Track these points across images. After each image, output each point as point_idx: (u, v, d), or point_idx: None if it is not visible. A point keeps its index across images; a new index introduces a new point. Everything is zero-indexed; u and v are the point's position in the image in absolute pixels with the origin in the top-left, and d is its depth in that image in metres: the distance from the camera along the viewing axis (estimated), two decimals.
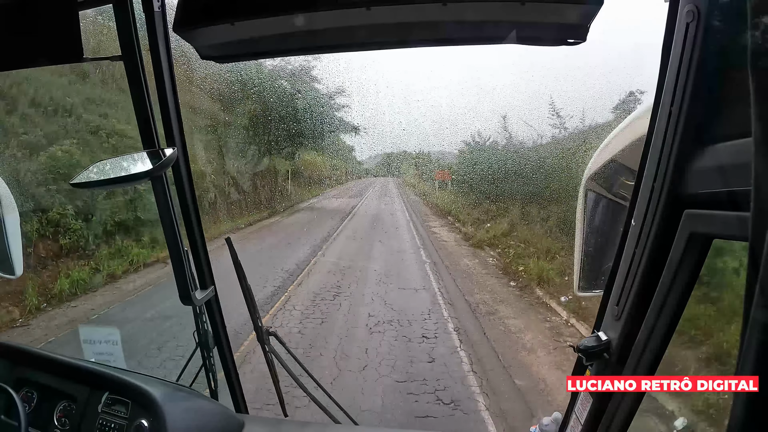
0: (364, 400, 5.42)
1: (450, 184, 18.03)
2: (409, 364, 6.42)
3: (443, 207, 17.59)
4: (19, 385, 1.84)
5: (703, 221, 0.86)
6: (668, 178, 0.92)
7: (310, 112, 14.83)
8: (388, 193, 23.44)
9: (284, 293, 9.01)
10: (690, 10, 0.84)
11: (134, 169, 1.43)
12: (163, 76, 1.49)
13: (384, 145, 21.85)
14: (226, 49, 1.34)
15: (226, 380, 2.05)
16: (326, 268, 10.90)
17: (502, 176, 12.97)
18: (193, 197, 1.69)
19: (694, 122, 0.87)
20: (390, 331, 7.47)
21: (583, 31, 1.13)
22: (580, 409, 1.26)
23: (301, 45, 1.36)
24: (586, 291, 1.82)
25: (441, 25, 1.20)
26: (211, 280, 1.82)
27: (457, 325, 7.77)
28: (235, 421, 1.81)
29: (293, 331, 7.27)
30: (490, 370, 6.25)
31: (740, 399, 0.55)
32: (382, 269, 10.83)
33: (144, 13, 1.41)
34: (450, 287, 9.78)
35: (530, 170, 11.94)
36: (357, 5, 1.11)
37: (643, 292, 1.02)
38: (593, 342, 1.15)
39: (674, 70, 0.89)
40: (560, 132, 12.21)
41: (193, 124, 12.15)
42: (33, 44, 1.42)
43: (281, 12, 1.16)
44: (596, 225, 1.80)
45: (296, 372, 1.99)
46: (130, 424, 1.62)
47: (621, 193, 1.59)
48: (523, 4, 1.06)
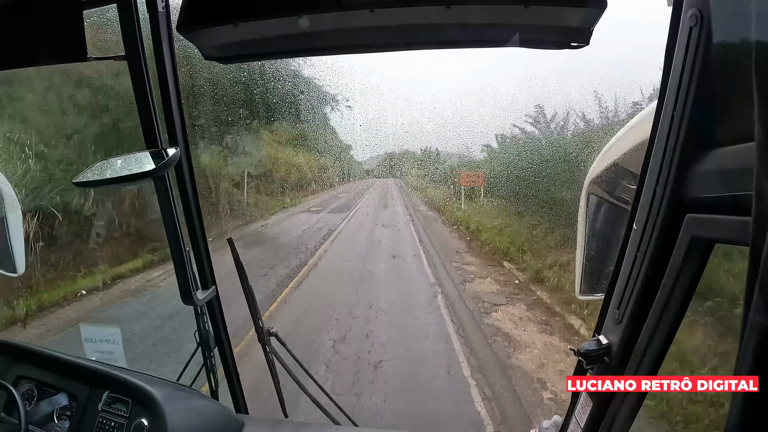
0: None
1: (483, 193, 11.95)
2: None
3: (484, 235, 10.47)
4: (19, 382, 1.85)
5: (705, 225, 0.86)
6: (670, 182, 0.92)
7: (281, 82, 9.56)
8: (389, 203, 16.70)
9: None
10: (693, 14, 0.84)
11: (137, 169, 1.44)
12: (167, 76, 1.49)
13: (386, 145, 17.34)
14: (229, 49, 1.34)
15: (227, 380, 2.05)
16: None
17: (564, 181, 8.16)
18: (195, 197, 1.69)
19: (696, 126, 0.87)
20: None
21: (586, 35, 1.13)
22: (580, 412, 1.26)
23: (304, 46, 1.36)
24: (588, 294, 1.82)
25: (444, 28, 1.20)
26: (213, 280, 1.82)
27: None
28: (235, 421, 1.81)
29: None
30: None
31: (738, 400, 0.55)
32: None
33: (148, 13, 1.42)
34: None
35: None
36: (360, 7, 1.11)
37: (644, 296, 1.01)
38: (594, 345, 1.15)
39: (677, 74, 0.89)
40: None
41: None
42: (37, 43, 1.43)
43: (285, 13, 1.16)
44: (598, 228, 1.80)
45: (297, 373, 1.99)
46: (130, 422, 1.63)
47: (623, 196, 1.59)
48: (526, 7, 1.06)
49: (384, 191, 17.89)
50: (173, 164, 1.50)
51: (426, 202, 14.95)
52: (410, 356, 5.90)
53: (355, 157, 15.60)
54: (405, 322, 6.95)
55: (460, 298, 7.97)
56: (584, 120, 10.04)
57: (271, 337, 1.96)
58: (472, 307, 7.56)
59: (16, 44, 1.43)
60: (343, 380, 5.30)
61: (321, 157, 14.03)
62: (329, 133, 13.04)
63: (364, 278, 8.96)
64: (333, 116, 12.55)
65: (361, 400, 4.90)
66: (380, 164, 16.16)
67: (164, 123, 1.54)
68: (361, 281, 8.80)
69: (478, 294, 8.13)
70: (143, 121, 1.50)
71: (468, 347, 6.13)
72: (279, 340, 1.99)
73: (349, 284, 8.56)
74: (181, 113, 1.57)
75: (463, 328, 6.75)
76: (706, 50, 0.83)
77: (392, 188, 18.04)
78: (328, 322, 6.88)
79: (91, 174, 1.45)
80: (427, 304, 7.69)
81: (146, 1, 1.40)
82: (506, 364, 5.82)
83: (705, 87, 0.84)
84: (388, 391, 5.11)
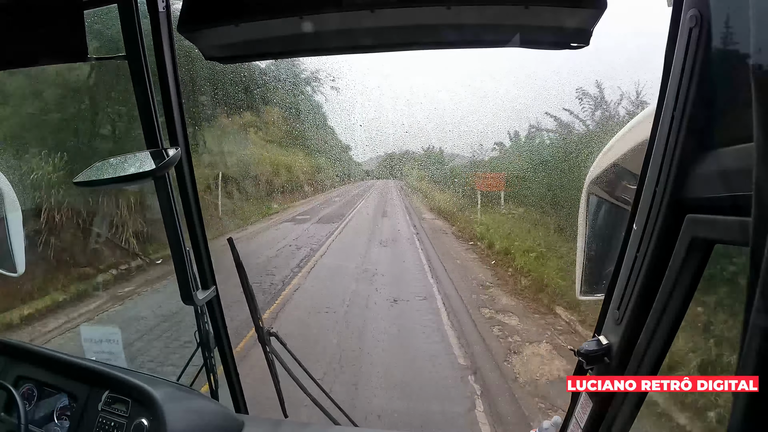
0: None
1: (503, 198, 9.67)
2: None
3: (517, 259, 7.60)
4: (18, 382, 1.85)
5: (705, 226, 0.86)
6: (670, 183, 0.92)
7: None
8: (388, 210, 14.05)
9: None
10: (693, 15, 0.84)
11: (137, 169, 1.44)
12: (167, 76, 1.49)
13: (385, 144, 15.72)
14: (230, 50, 1.35)
15: (227, 380, 2.05)
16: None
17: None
18: (196, 197, 1.69)
19: (696, 127, 0.87)
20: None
21: (586, 36, 1.13)
22: (580, 413, 1.26)
23: (305, 47, 1.36)
24: (588, 295, 1.82)
25: (445, 29, 1.20)
26: (213, 280, 1.83)
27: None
28: (235, 421, 1.81)
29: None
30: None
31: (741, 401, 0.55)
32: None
33: (149, 13, 1.42)
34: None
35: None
36: (361, 8, 1.12)
37: (644, 297, 1.01)
38: (594, 346, 1.15)
39: (677, 75, 0.89)
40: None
41: None
42: (38, 43, 1.43)
43: (286, 14, 1.16)
44: (598, 229, 1.80)
45: (297, 373, 1.99)
46: (129, 422, 1.62)
47: (623, 197, 1.59)
48: (526, 7, 1.06)
49: (383, 195, 15.53)
50: (174, 164, 1.50)
51: (431, 207, 12.52)
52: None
53: (355, 158, 14.08)
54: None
55: (514, 400, 4.53)
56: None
57: (271, 337, 1.96)
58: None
59: (17, 44, 1.43)
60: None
61: (311, 157, 12.34)
62: (318, 125, 11.31)
63: (346, 356, 5.41)
64: (322, 103, 11.26)
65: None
66: (380, 164, 14.48)
67: (165, 123, 1.54)
68: (341, 367, 5.14)
69: (540, 384, 4.76)
70: (144, 121, 1.50)
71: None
72: (279, 340, 1.99)
73: (323, 365, 5.05)
74: (182, 113, 1.57)
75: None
76: (705, 51, 0.83)
77: (392, 191, 15.68)
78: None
79: (91, 174, 1.45)
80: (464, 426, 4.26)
81: (147, 1, 1.40)
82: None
83: (705, 87, 0.84)
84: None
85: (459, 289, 7.47)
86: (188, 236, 1.71)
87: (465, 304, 6.85)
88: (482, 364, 5.09)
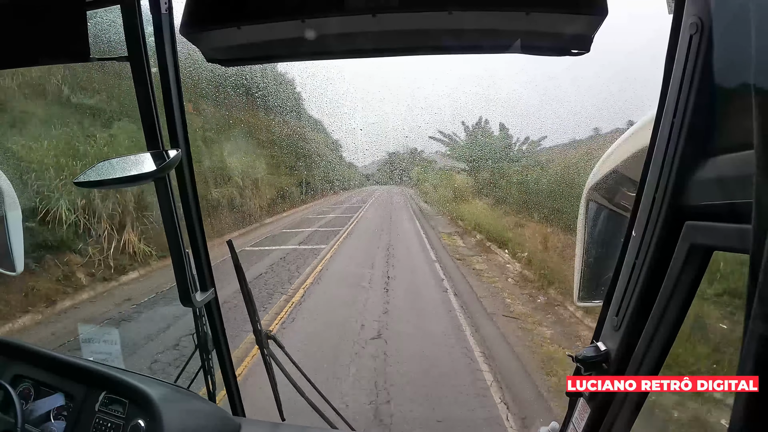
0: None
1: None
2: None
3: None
4: (15, 381, 1.84)
5: (704, 233, 0.86)
6: (669, 190, 0.92)
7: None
8: (397, 253, 10.04)
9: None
10: (693, 22, 0.84)
11: (138, 170, 1.44)
12: (169, 77, 1.50)
13: (386, 145, 14.52)
14: (231, 52, 1.35)
15: (224, 383, 2.04)
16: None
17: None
18: (196, 199, 1.69)
19: (696, 134, 0.87)
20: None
21: (586, 42, 1.13)
22: (577, 418, 1.26)
23: (306, 50, 1.36)
24: (586, 301, 1.82)
25: (446, 34, 1.21)
26: (212, 282, 1.82)
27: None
28: (233, 423, 1.80)
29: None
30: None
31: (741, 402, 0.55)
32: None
33: (151, 14, 1.43)
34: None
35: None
36: (363, 12, 1.12)
37: (642, 303, 1.01)
38: (592, 352, 1.15)
39: (677, 82, 0.89)
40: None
41: None
42: (40, 43, 1.44)
43: (288, 17, 1.17)
44: (597, 235, 1.80)
45: (295, 376, 1.98)
46: (126, 424, 1.62)
47: (622, 204, 1.59)
48: (527, 14, 1.07)
49: (385, 217, 10.99)
50: (174, 166, 1.50)
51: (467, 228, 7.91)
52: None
53: (355, 162, 12.25)
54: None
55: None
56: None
57: (269, 340, 1.96)
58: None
59: (20, 44, 1.44)
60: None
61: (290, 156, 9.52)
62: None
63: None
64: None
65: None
66: (378, 169, 12.10)
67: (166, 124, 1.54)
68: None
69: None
70: (145, 123, 1.50)
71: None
72: (277, 344, 1.99)
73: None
74: (183, 115, 1.57)
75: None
76: (706, 58, 0.83)
77: (400, 211, 10.85)
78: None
79: (92, 174, 1.45)
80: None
81: (149, 3, 1.41)
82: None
83: (705, 94, 0.84)
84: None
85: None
86: (188, 238, 1.71)
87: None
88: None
